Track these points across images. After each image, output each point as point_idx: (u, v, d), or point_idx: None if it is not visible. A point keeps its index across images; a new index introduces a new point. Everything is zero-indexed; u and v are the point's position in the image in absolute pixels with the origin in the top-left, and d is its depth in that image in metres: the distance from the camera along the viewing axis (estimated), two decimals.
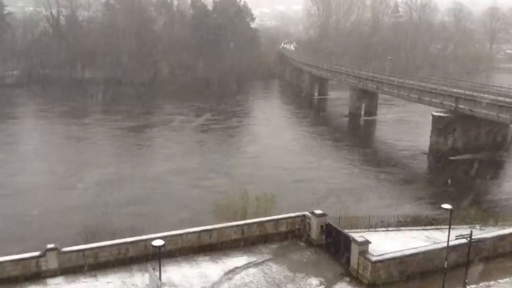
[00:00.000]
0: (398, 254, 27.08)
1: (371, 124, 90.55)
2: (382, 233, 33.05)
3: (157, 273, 24.06)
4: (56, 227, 40.81)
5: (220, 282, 26.46)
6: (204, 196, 47.79)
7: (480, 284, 26.56)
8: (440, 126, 65.96)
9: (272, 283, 26.41)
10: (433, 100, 70.03)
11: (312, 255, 29.85)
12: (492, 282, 26.91)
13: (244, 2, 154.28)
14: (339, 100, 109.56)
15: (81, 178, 55.65)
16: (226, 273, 27.33)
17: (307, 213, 31.76)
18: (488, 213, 40.49)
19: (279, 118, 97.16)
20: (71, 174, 58.20)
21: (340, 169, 61.97)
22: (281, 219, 31.90)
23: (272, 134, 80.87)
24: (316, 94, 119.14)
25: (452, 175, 58.71)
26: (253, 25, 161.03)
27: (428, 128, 68.24)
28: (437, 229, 34.38)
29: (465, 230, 27.41)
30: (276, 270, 27.82)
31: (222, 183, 53.97)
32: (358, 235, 28.02)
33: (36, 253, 26.71)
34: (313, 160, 65.34)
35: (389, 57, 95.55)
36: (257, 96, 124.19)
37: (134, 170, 60.05)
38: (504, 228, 33.16)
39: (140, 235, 29.37)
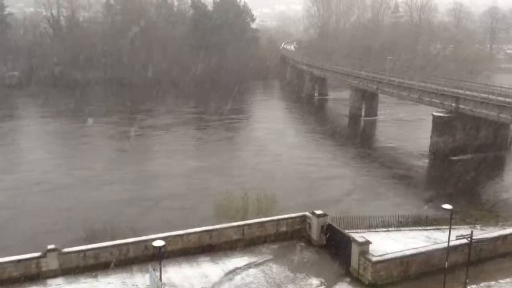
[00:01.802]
0: (398, 254, 27.11)
1: (371, 125, 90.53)
2: (383, 233, 33.06)
3: (158, 274, 24.11)
4: (98, 221, 41.55)
5: (220, 282, 26.47)
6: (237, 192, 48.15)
7: (481, 284, 26.56)
8: (440, 126, 65.97)
9: (272, 283, 26.42)
10: (433, 100, 70.03)
11: (312, 255, 29.86)
12: (492, 282, 26.91)
13: (244, 2, 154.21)
14: (339, 100, 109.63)
15: (116, 175, 57.57)
16: (227, 274, 27.35)
17: (307, 213, 31.79)
18: (488, 213, 40.50)
19: (284, 119, 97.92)
20: (105, 170, 59.62)
21: (340, 168, 62.10)
22: (282, 219, 31.94)
23: (285, 133, 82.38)
24: (316, 94, 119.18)
25: (453, 175, 58.70)
26: (253, 25, 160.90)
27: (429, 128, 68.26)
28: (437, 229, 34.38)
29: (465, 230, 27.44)
30: (276, 270, 27.83)
31: (252, 179, 54.75)
32: (358, 236, 28.04)
33: (37, 254, 26.74)
34: (319, 157, 67.00)
35: (389, 57, 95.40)
36: (259, 97, 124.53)
37: (165, 167, 61.19)
38: (504, 228, 33.21)
39: (141, 235, 29.46)
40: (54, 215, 44.73)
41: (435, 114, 67.45)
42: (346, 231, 29.79)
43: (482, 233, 31.01)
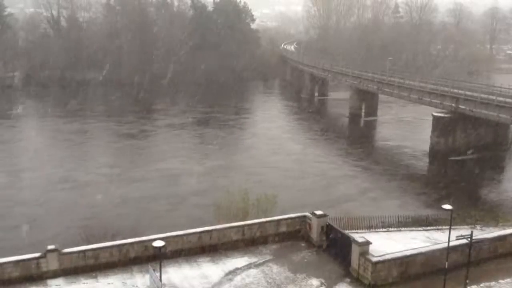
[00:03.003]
0: (398, 254, 27.09)
1: (372, 125, 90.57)
2: (383, 233, 33.06)
3: (158, 274, 24.12)
4: (127, 217, 43.33)
5: (220, 283, 26.47)
6: (262, 188, 48.31)
7: (481, 285, 26.55)
8: (440, 127, 65.96)
9: (272, 284, 26.41)
10: (433, 100, 70.02)
11: (312, 256, 29.85)
12: (493, 283, 26.90)
13: (244, 3, 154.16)
14: (339, 101, 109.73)
15: (139, 173, 58.73)
16: (227, 274, 27.35)
17: (307, 213, 31.77)
18: (488, 214, 40.49)
19: (290, 119, 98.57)
20: (128, 168, 60.92)
21: (345, 168, 62.74)
22: (282, 220, 31.91)
23: (295, 133, 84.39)
24: (316, 94, 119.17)
25: (453, 176, 58.72)
26: (253, 26, 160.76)
27: (429, 128, 68.26)
28: (437, 229, 34.38)
29: (465, 231, 27.40)
30: (276, 271, 27.82)
31: (274, 177, 56.41)
32: (358, 236, 28.04)
33: (37, 254, 26.73)
34: (328, 156, 69.11)
35: (389, 58, 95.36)
36: (262, 97, 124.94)
37: (186, 165, 62.44)
38: (504, 229, 33.20)
39: (141, 236, 29.49)
40: (81, 211, 45.56)
41: (435, 114, 67.44)
42: (346, 231, 29.77)
43: (482, 233, 30.99)
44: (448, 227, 26.32)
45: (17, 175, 57.99)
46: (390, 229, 34.16)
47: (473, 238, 24.72)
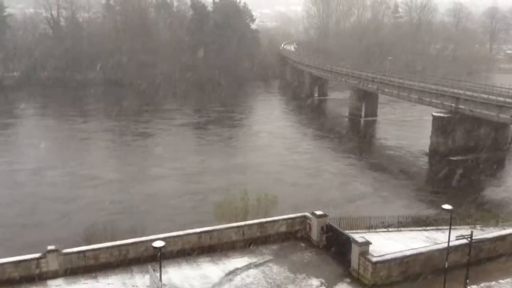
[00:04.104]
0: (398, 254, 27.09)
1: (371, 125, 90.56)
2: (383, 233, 33.05)
3: (158, 274, 24.12)
4: (153, 213, 44.25)
5: (220, 283, 26.47)
6: (283, 187, 49.57)
7: (481, 285, 26.55)
8: (440, 127, 65.97)
9: (272, 284, 26.42)
10: (433, 100, 70.05)
11: (312, 256, 29.84)
12: (493, 283, 26.90)
13: (244, 3, 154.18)
14: (339, 101, 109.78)
15: (160, 171, 59.84)
16: (227, 274, 27.35)
17: (307, 213, 31.78)
18: (488, 213, 40.50)
19: (293, 120, 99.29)
20: (149, 167, 62.19)
21: (344, 169, 62.69)
22: (282, 220, 31.90)
23: (305, 133, 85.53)
24: (316, 94, 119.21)
25: (453, 176, 58.70)
26: (253, 26, 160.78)
27: (429, 128, 68.27)
28: (437, 229, 34.37)
29: (465, 231, 27.40)
30: (276, 271, 27.82)
31: (293, 175, 57.63)
32: (358, 236, 28.02)
33: (37, 255, 26.71)
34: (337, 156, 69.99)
35: (389, 58, 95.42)
36: (263, 97, 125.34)
37: (204, 164, 63.51)
38: (504, 228, 33.21)
39: (141, 236, 29.50)
40: (109, 207, 46.25)
41: (435, 114, 67.46)
42: (346, 231, 29.78)
43: (482, 233, 31.00)
44: (448, 227, 26.32)
45: (40, 173, 58.83)
46: (390, 229, 34.18)
47: (473, 238, 24.73)
